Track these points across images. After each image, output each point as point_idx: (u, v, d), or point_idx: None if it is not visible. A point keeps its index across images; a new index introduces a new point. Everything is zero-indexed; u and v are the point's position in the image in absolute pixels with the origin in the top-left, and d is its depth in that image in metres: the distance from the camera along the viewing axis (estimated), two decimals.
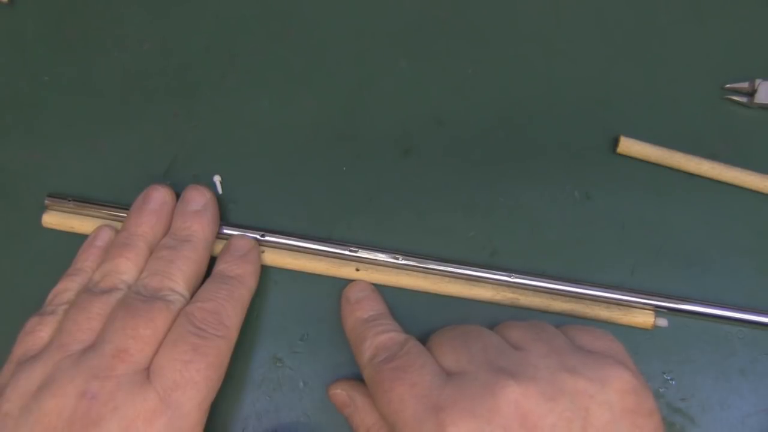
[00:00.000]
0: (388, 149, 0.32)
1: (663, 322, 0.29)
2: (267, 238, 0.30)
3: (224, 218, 0.31)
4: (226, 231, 0.30)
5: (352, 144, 0.33)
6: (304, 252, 0.30)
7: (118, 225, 0.30)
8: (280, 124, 0.33)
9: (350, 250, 0.30)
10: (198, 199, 0.29)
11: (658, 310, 0.29)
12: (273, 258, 0.30)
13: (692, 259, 0.31)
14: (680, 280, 0.31)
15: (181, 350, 0.24)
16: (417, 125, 0.33)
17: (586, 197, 0.32)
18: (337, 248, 0.30)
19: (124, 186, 0.31)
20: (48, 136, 0.32)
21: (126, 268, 0.27)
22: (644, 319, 0.29)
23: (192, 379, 0.24)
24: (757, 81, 0.33)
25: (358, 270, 0.30)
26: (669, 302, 0.29)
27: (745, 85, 0.33)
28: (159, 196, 0.29)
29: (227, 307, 0.27)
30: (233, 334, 0.27)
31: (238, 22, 0.34)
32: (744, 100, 0.33)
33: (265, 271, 0.30)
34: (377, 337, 0.26)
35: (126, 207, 0.30)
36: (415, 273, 0.30)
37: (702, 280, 0.31)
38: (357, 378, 0.29)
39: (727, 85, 0.34)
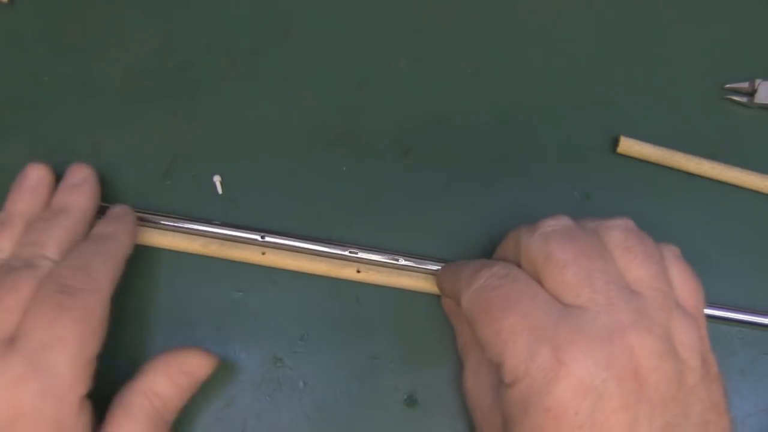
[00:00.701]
0: (388, 149, 0.32)
1: None
2: (267, 239, 0.30)
3: (224, 218, 0.31)
4: (227, 231, 0.30)
5: (352, 144, 0.32)
6: (304, 252, 0.30)
7: None
8: (280, 124, 0.33)
9: (350, 251, 0.30)
10: (77, 174, 0.29)
11: None
12: (273, 258, 0.30)
13: (692, 259, 0.31)
14: None
15: (46, 309, 0.24)
16: (417, 125, 0.33)
17: (586, 197, 0.32)
18: (337, 249, 0.30)
19: (124, 186, 0.31)
20: (48, 136, 0.32)
21: (2, 246, 0.27)
22: None
23: (60, 336, 0.23)
24: (757, 81, 0.33)
25: (359, 272, 0.30)
26: None
27: (745, 85, 0.33)
28: (35, 173, 0.29)
29: (96, 260, 0.26)
30: (104, 287, 0.26)
31: (238, 22, 0.34)
32: (744, 100, 0.33)
33: (265, 271, 0.30)
34: (477, 263, 0.24)
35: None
36: (415, 273, 0.30)
37: (702, 280, 0.31)
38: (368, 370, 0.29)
39: (727, 85, 0.34)
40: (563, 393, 0.20)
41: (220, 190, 0.31)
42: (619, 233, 0.24)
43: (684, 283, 0.24)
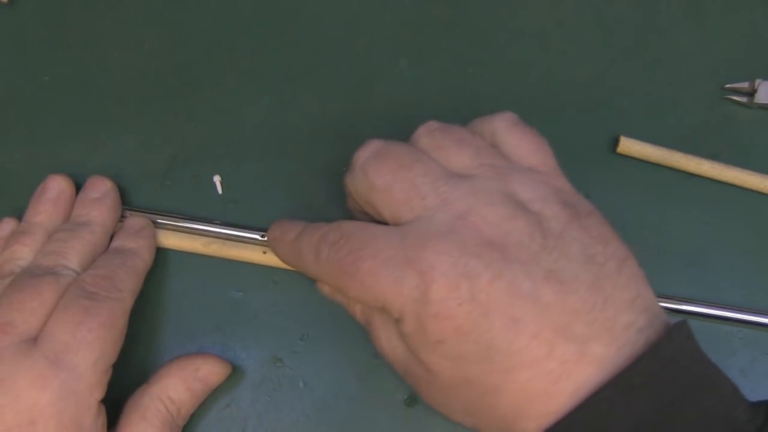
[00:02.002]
0: None
1: None
2: (267, 237, 0.30)
3: (224, 218, 0.31)
4: (227, 231, 0.30)
5: (353, 144, 0.32)
6: None
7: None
8: (280, 124, 0.33)
9: None
10: (98, 187, 0.30)
11: None
12: (274, 258, 0.30)
13: (692, 259, 0.31)
14: (680, 280, 0.31)
15: (72, 313, 0.24)
16: (417, 125, 0.33)
17: (586, 197, 0.32)
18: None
19: (124, 186, 0.31)
20: (48, 136, 0.32)
21: (22, 254, 0.27)
22: None
23: (84, 339, 0.24)
24: (757, 81, 0.33)
25: None
26: (669, 303, 0.29)
27: (745, 85, 0.33)
28: (56, 185, 0.29)
29: (120, 272, 0.27)
30: (127, 298, 0.26)
31: (238, 22, 0.34)
32: (744, 100, 0.33)
33: (265, 271, 0.30)
34: (311, 238, 0.25)
35: (127, 206, 0.30)
36: None
37: (702, 280, 0.31)
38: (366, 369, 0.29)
39: (727, 85, 0.34)
40: (439, 295, 0.21)
41: (220, 190, 0.31)
42: (425, 139, 0.25)
43: (521, 146, 0.25)
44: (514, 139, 0.25)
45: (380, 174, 0.23)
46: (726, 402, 0.21)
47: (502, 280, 0.21)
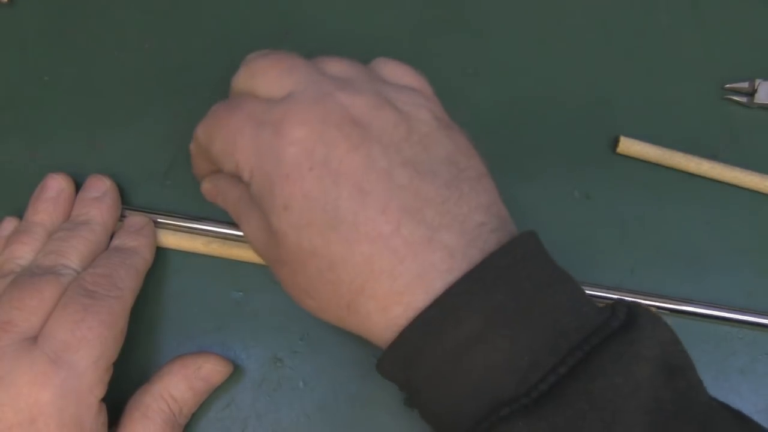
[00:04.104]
0: None
1: None
2: None
3: (224, 218, 0.31)
4: (227, 231, 0.30)
5: None
6: None
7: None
8: None
9: None
10: (98, 186, 0.30)
11: (659, 311, 0.29)
12: None
13: (692, 259, 0.31)
14: (680, 280, 0.31)
15: (72, 311, 0.24)
16: None
17: (586, 197, 0.32)
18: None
19: (124, 186, 0.31)
20: (48, 136, 0.32)
21: (22, 253, 0.27)
22: None
23: (84, 338, 0.24)
24: (757, 81, 0.33)
25: None
26: (669, 303, 0.30)
27: (745, 85, 0.33)
28: (55, 184, 0.29)
29: (120, 271, 0.27)
30: (127, 297, 0.26)
31: (238, 22, 0.34)
32: (744, 100, 0.33)
33: (265, 271, 0.30)
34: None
35: (126, 206, 0.30)
36: None
37: (702, 280, 0.31)
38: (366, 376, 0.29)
39: (727, 85, 0.34)
40: (292, 157, 0.21)
41: None
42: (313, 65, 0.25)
43: (398, 72, 0.26)
44: (391, 66, 0.26)
45: (260, 61, 0.24)
46: (576, 299, 0.21)
47: (358, 153, 0.21)
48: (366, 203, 0.21)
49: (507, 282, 0.20)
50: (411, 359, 0.21)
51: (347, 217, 0.21)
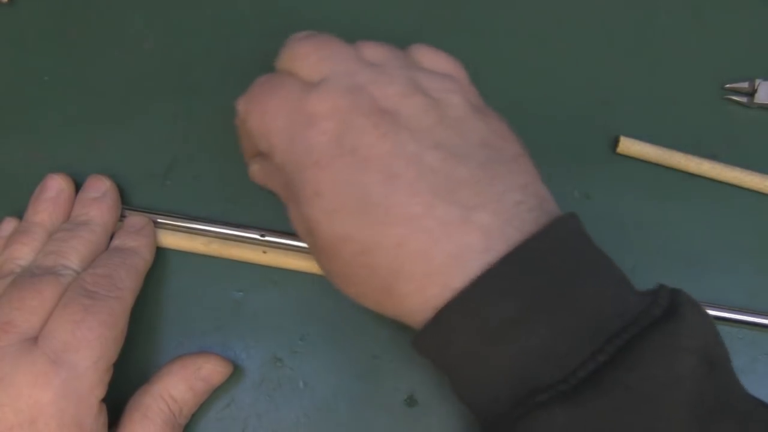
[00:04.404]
0: None
1: None
2: (267, 238, 0.30)
3: (224, 218, 0.31)
4: (227, 231, 0.30)
5: None
6: (304, 252, 0.30)
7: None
8: None
9: None
10: (97, 186, 0.30)
11: None
12: (273, 258, 0.30)
13: (692, 259, 0.31)
14: (680, 280, 0.31)
15: (72, 312, 0.24)
16: None
17: (586, 197, 0.32)
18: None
19: (124, 186, 0.31)
20: (48, 136, 0.32)
21: (22, 254, 0.27)
22: None
23: (85, 338, 0.24)
24: (757, 81, 0.33)
25: None
26: None
27: (745, 85, 0.33)
28: (55, 184, 0.29)
29: (120, 271, 0.27)
30: (127, 297, 0.26)
31: (238, 22, 0.34)
32: (744, 100, 0.33)
33: (265, 271, 0.30)
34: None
35: (126, 206, 0.30)
36: None
37: (702, 280, 0.31)
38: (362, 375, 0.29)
39: (727, 85, 0.34)
40: (322, 145, 0.22)
41: None
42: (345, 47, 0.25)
43: (433, 57, 0.26)
44: (427, 53, 0.26)
45: (302, 44, 0.25)
46: (617, 283, 0.21)
47: (386, 139, 0.21)
48: (396, 186, 0.21)
49: (546, 264, 0.20)
50: (448, 339, 0.21)
51: (378, 200, 0.21)
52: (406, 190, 0.21)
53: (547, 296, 0.20)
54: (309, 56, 0.24)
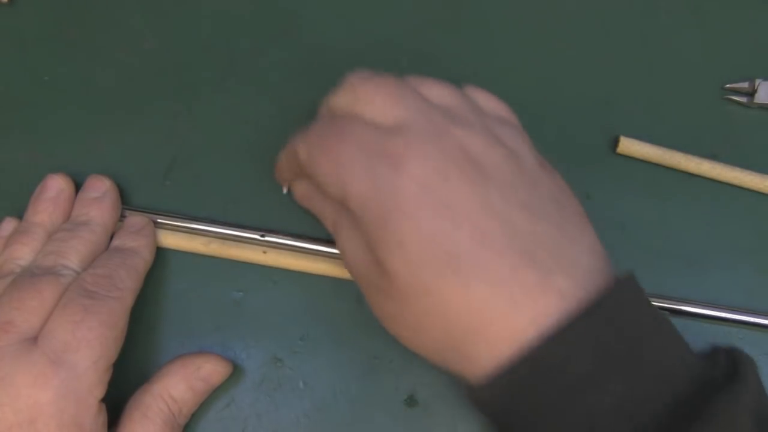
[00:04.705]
0: None
1: None
2: (267, 238, 0.30)
3: (224, 218, 0.31)
4: (227, 231, 0.30)
5: None
6: (304, 252, 0.30)
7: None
8: (280, 124, 0.33)
9: None
10: (97, 186, 0.30)
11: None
12: (273, 258, 0.30)
13: (692, 259, 0.31)
14: (680, 280, 0.31)
15: (72, 312, 0.24)
16: None
17: (586, 197, 0.32)
18: (337, 249, 0.30)
19: (124, 186, 0.31)
20: (48, 136, 0.32)
21: (22, 254, 0.27)
22: None
23: (84, 338, 0.24)
24: (757, 81, 0.33)
25: None
26: (669, 303, 0.29)
27: (745, 85, 0.33)
28: (55, 184, 0.29)
29: (120, 271, 0.27)
30: (128, 297, 0.26)
31: (238, 22, 0.34)
32: (744, 100, 0.33)
33: (265, 271, 0.30)
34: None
35: (126, 206, 0.30)
36: None
37: (702, 280, 0.31)
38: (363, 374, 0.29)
39: (727, 85, 0.34)
40: (412, 194, 0.21)
41: (285, 190, 0.31)
42: (416, 80, 0.25)
43: (491, 102, 0.26)
44: (484, 96, 0.26)
45: (365, 84, 0.24)
46: (677, 344, 0.22)
47: (477, 193, 0.21)
48: (484, 244, 0.21)
49: (616, 325, 0.21)
50: (518, 393, 0.21)
51: (466, 258, 0.20)
52: (494, 249, 0.21)
53: (617, 356, 0.20)
54: (374, 99, 0.23)
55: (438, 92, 0.24)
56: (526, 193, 0.22)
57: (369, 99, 0.23)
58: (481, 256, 0.21)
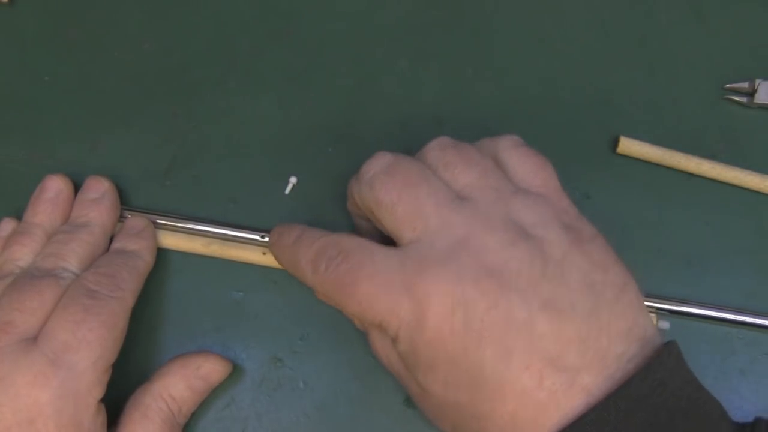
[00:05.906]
0: (388, 149, 0.32)
1: (665, 324, 0.29)
2: (267, 239, 0.30)
3: (224, 218, 0.31)
4: (227, 231, 0.30)
5: (352, 144, 0.32)
6: None
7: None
8: (280, 123, 0.33)
9: None
10: (96, 187, 0.30)
11: (660, 313, 0.29)
12: (273, 258, 0.30)
13: (692, 259, 0.31)
14: (680, 280, 0.31)
15: (72, 311, 0.24)
16: (417, 125, 0.33)
17: (586, 197, 0.32)
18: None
19: (124, 186, 0.31)
20: (48, 136, 0.32)
21: (21, 255, 0.27)
22: None
23: (84, 339, 0.24)
24: (757, 81, 0.33)
25: None
26: (670, 305, 0.29)
27: (745, 85, 0.33)
28: (54, 185, 0.29)
29: (123, 272, 0.27)
30: (128, 298, 0.26)
31: (238, 22, 0.34)
32: (744, 100, 0.33)
33: (265, 271, 0.30)
34: (309, 249, 0.24)
35: (127, 206, 0.30)
36: None
37: (702, 280, 0.31)
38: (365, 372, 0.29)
39: (727, 85, 0.34)
40: (433, 323, 0.21)
41: (287, 191, 0.31)
42: (434, 153, 0.25)
43: (524, 167, 0.25)
44: (517, 158, 0.25)
45: (387, 190, 0.23)
46: (714, 425, 0.21)
47: (498, 310, 0.21)
48: (510, 362, 0.21)
49: (641, 412, 0.20)
50: None
51: (492, 377, 0.21)
52: (520, 364, 0.21)
53: None
54: (396, 207, 0.23)
55: (461, 178, 0.24)
56: (551, 290, 0.21)
57: (388, 207, 0.23)
58: (507, 373, 0.21)
